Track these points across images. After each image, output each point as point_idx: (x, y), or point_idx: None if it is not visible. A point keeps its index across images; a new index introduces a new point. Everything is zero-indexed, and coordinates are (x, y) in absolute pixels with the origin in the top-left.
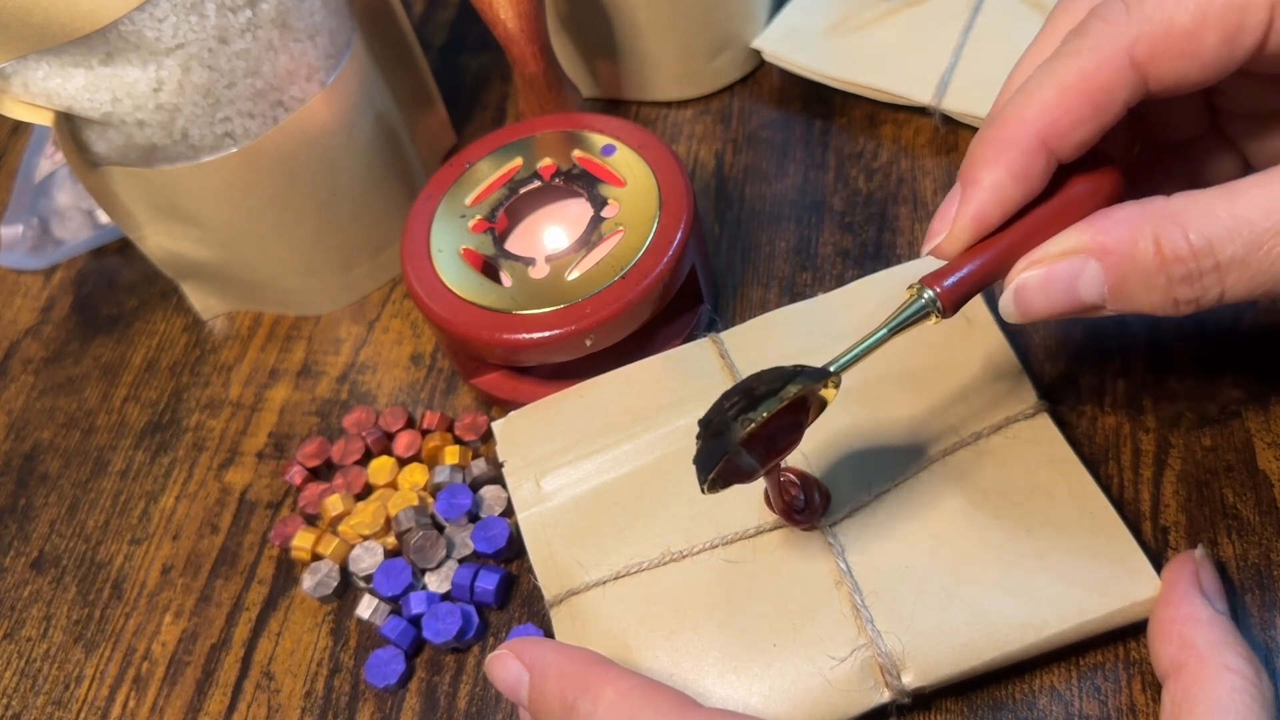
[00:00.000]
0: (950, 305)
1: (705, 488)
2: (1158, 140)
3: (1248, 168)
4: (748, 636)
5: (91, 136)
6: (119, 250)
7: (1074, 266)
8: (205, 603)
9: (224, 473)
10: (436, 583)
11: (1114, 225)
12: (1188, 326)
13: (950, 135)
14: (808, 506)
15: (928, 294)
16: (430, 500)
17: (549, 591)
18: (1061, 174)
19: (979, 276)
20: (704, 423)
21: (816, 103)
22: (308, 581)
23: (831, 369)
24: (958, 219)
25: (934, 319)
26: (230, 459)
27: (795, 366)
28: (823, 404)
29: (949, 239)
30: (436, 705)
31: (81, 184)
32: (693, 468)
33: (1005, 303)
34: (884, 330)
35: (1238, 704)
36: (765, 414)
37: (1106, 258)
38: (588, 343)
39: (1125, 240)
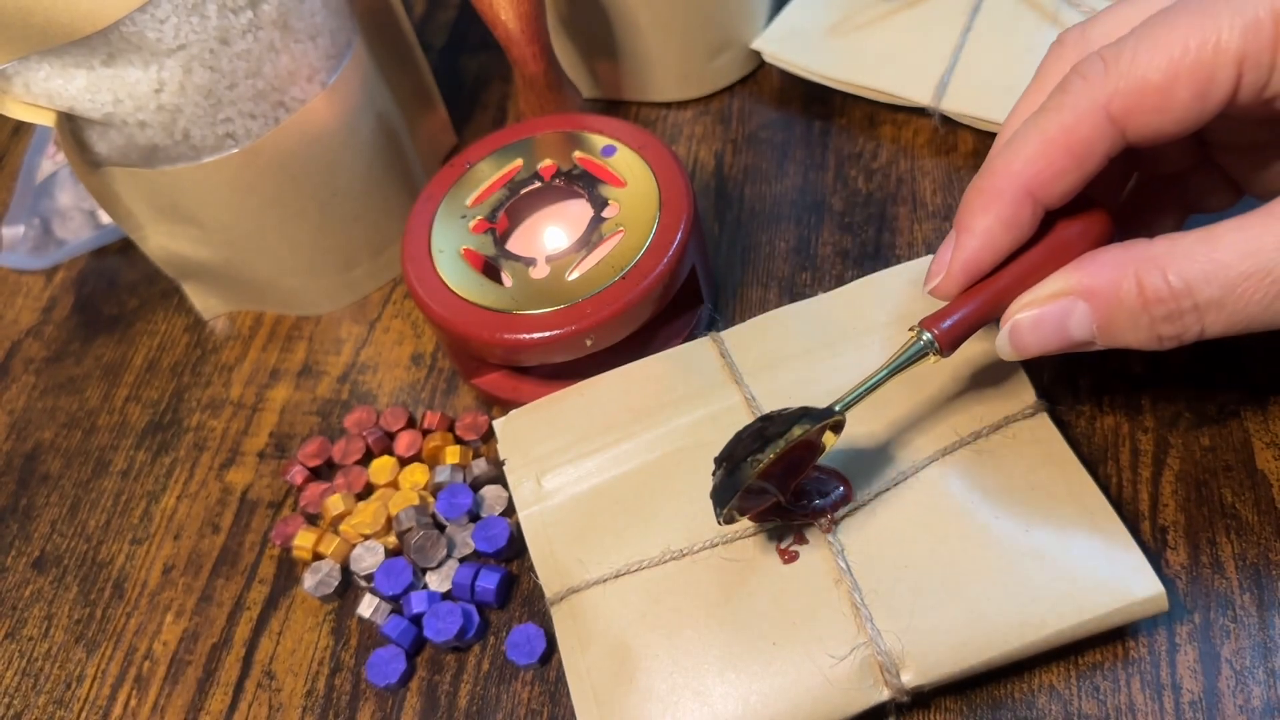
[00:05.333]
0: (948, 346)
1: (720, 519)
2: (1152, 172)
3: (1240, 194)
4: (748, 635)
5: (93, 137)
6: (120, 250)
7: (1064, 307)
8: (206, 602)
9: (225, 472)
10: (437, 582)
11: (1099, 268)
12: None
13: (950, 136)
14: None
15: (926, 336)
16: (431, 500)
17: (549, 589)
18: (1051, 218)
19: (974, 318)
20: (719, 460)
21: (816, 103)
22: (309, 581)
23: (836, 408)
24: (952, 264)
25: (933, 358)
26: (231, 459)
27: (802, 409)
28: (827, 443)
29: (945, 282)
30: (437, 704)
31: (83, 184)
32: (691, 467)
33: (1001, 342)
34: (885, 372)
35: None
36: (772, 455)
37: (1094, 299)
38: (588, 343)
39: (1110, 282)
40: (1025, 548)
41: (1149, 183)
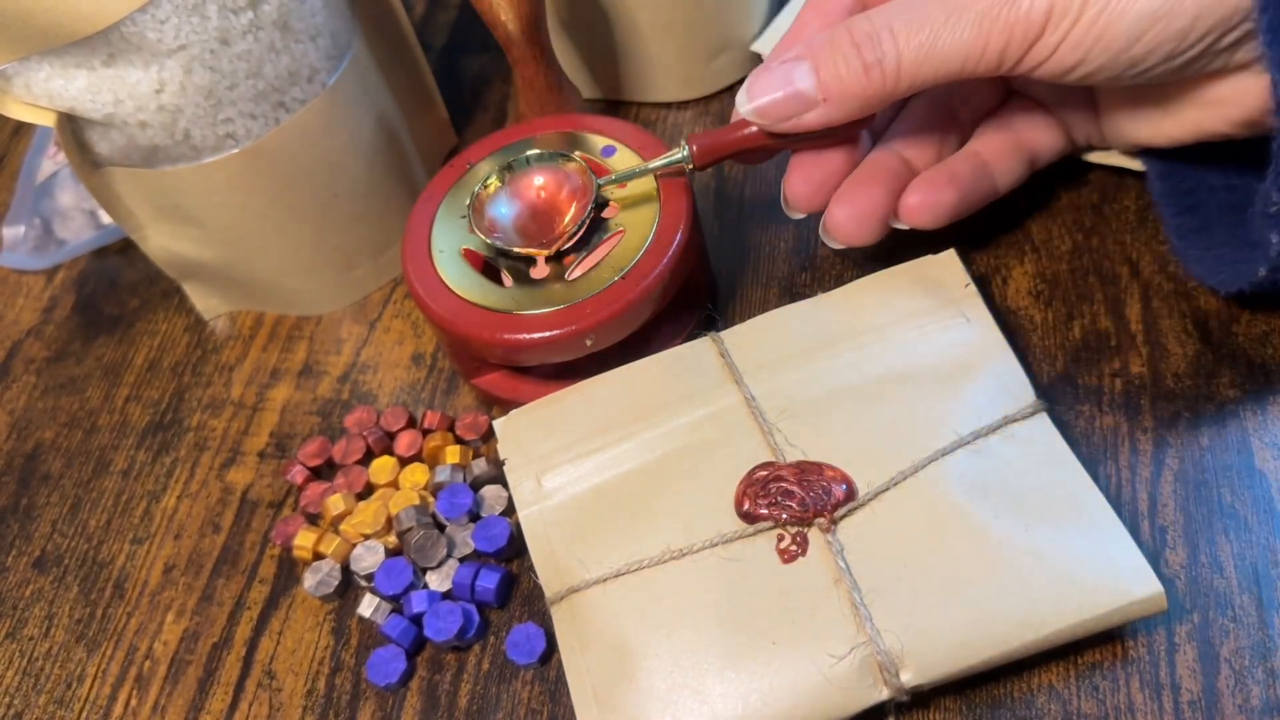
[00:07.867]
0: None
1: None
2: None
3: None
4: (747, 634)
5: (94, 137)
6: (121, 250)
7: (790, 65)
8: (207, 602)
9: (225, 472)
10: (437, 582)
11: (818, 32)
12: (1185, 327)
13: None
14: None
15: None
16: (431, 499)
17: (549, 589)
18: None
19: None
20: None
21: None
22: (309, 580)
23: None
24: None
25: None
26: (232, 458)
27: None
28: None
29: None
30: (437, 704)
31: (83, 185)
32: (691, 466)
33: (739, 99)
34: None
35: None
36: None
37: (812, 54)
38: (588, 343)
39: (826, 37)
40: (1025, 547)
41: (986, 130)
